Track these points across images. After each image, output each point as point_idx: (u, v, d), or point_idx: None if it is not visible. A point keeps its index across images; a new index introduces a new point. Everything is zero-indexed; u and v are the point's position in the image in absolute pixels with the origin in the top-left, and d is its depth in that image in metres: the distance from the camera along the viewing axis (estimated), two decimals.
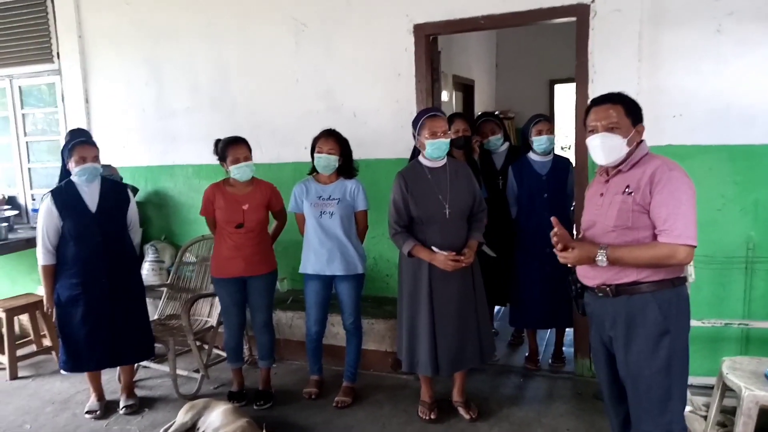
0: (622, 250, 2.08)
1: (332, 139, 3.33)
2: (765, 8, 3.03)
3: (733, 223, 3.23)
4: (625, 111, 2.14)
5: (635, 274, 2.09)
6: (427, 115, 3.00)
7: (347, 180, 3.40)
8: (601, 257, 2.08)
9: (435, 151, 2.98)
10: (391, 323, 3.72)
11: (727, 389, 2.62)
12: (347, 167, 3.40)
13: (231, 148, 3.32)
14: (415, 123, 3.05)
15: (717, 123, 3.20)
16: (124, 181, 4.39)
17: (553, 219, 2.21)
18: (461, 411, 3.25)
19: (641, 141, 2.17)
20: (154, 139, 4.72)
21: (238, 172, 3.33)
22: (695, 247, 2.01)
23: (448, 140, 3.01)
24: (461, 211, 3.04)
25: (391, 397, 3.54)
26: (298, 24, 4.11)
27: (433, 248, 2.95)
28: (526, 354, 3.95)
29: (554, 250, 2.20)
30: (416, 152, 3.15)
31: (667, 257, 2.02)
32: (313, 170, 3.43)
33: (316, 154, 3.34)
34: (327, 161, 3.32)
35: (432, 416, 3.22)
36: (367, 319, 3.79)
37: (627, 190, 2.11)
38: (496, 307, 4.54)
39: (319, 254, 3.36)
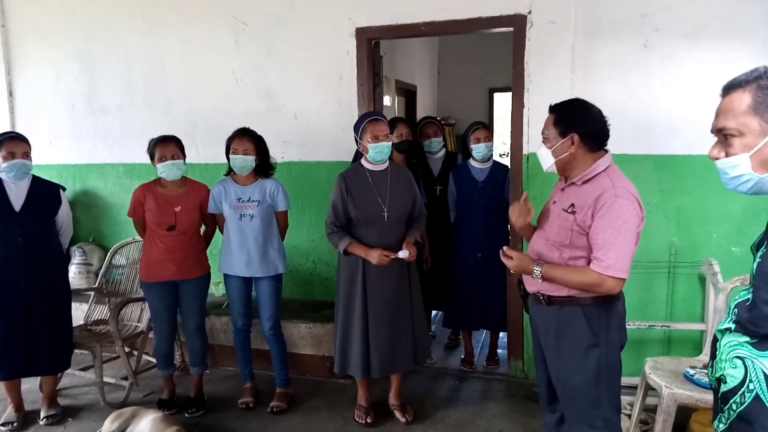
0: (555, 270, 2.08)
1: (246, 139, 3.24)
2: (688, 26, 3.19)
3: (657, 230, 3.37)
4: (554, 120, 2.13)
5: (567, 289, 2.10)
6: (368, 119, 3.00)
7: (266, 180, 3.33)
8: (537, 274, 2.10)
9: (378, 154, 2.98)
10: (328, 327, 3.69)
11: (649, 388, 2.73)
12: (264, 166, 3.32)
13: (159, 145, 3.22)
14: (356, 127, 3.04)
15: (644, 134, 3.33)
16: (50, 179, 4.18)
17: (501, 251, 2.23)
18: (397, 414, 3.25)
19: (604, 155, 2.10)
20: (83, 137, 4.53)
21: (165, 170, 3.22)
22: (625, 279, 2.00)
23: (390, 143, 3.02)
24: (400, 215, 3.05)
25: (328, 402, 3.50)
26: (238, 22, 4.03)
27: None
28: (462, 356, 4.01)
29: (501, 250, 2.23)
30: (359, 155, 3.14)
31: (595, 285, 2.01)
32: (231, 171, 3.34)
33: (231, 155, 3.24)
34: (243, 162, 3.23)
35: (368, 420, 3.21)
36: (305, 324, 3.75)
37: (571, 208, 2.08)
38: (434, 311, 4.58)
39: (238, 257, 3.29)
